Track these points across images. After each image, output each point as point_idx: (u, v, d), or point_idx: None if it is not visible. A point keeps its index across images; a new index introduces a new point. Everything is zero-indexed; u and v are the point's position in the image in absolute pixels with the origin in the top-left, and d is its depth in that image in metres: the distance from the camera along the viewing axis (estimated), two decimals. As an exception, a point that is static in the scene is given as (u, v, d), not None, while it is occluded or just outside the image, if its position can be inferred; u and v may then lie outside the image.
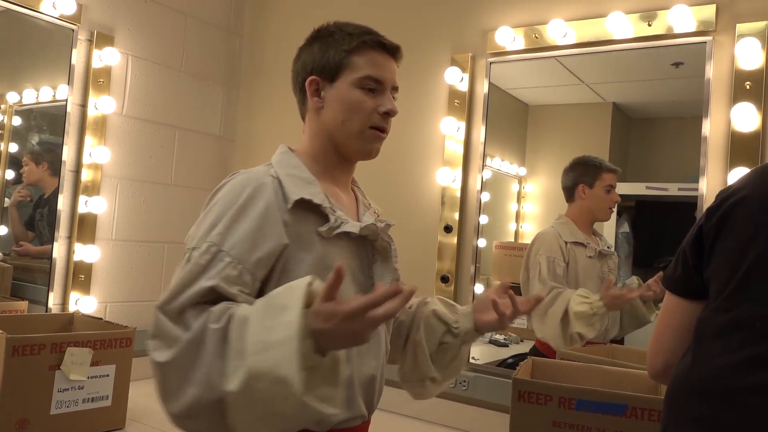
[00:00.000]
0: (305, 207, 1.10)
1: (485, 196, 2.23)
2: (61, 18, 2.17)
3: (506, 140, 2.27)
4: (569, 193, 2.07)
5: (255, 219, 1.05)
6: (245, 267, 1.02)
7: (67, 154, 2.22)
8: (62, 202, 2.21)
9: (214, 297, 0.99)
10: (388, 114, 1.19)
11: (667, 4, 1.87)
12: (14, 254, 2.17)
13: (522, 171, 2.25)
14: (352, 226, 1.15)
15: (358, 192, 1.32)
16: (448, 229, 2.25)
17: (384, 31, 1.22)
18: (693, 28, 1.84)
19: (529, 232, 2.23)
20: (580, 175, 2.04)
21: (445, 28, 2.33)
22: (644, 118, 2.09)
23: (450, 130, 2.25)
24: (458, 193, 2.24)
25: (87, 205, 2.26)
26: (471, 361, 2.15)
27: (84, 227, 2.27)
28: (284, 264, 1.07)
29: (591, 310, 1.91)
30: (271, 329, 0.89)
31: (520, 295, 1.36)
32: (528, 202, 2.23)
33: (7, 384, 1.62)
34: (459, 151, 2.24)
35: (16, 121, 2.15)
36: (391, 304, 0.86)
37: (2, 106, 2.11)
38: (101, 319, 2.04)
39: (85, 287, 2.28)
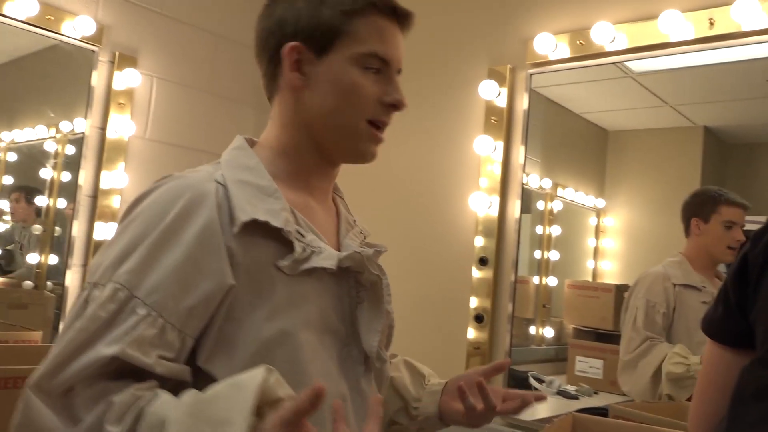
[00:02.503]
0: (261, 230, 0.80)
1: (556, 230, 2.04)
2: (83, 40, 2.12)
3: (581, 169, 2.07)
4: (685, 227, 1.81)
5: (187, 248, 0.75)
6: (169, 321, 0.73)
7: (84, 178, 2.15)
8: (77, 228, 2.13)
9: (117, 366, 0.71)
10: (396, 107, 0.89)
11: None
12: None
13: (600, 203, 2.01)
14: (327, 258, 0.84)
15: (341, 204, 1.00)
16: (483, 261, 2.00)
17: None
18: (765, 25, 1.55)
19: (609, 270, 1.98)
20: (695, 208, 1.78)
21: (480, 37, 2.12)
22: (743, 144, 1.83)
23: (486, 150, 2.02)
24: (495, 222, 2.00)
25: (104, 232, 2.17)
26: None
27: (100, 254, 2.18)
28: (228, 312, 0.77)
29: (688, 373, 1.64)
30: None
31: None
32: (608, 237, 1.98)
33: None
34: (496, 173, 2.01)
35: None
36: None
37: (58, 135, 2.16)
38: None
39: (99, 317, 2.18)
